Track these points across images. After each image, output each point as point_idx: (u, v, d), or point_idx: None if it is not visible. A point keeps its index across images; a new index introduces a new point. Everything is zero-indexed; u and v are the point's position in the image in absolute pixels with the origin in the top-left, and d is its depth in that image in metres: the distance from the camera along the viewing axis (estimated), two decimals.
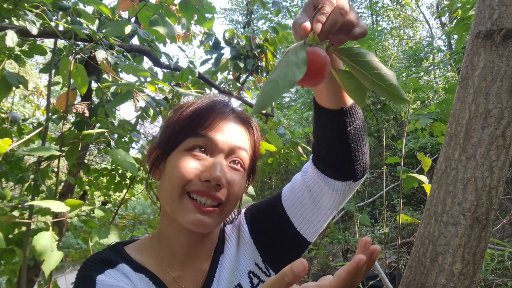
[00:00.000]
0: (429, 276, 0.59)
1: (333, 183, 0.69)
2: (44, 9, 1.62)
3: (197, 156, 0.65)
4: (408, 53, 8.80)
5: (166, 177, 0.67)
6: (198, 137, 0.66)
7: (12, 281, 1.85)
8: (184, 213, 0.63)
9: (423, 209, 0.73)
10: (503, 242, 1.62)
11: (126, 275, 0.66)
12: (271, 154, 2.84)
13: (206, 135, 0.66)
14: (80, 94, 2.06)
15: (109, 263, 0.66)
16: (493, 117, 0.58)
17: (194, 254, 0.71)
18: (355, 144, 0.67)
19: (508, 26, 0.59)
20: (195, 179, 0.63)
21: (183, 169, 0.63)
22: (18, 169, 1.96)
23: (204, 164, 0.64)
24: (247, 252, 0.75)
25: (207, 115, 0.67)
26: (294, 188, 0.75)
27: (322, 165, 0.70)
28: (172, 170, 0.65)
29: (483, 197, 0.57)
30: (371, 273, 2.87)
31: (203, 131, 0.66)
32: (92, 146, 2.59)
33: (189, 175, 0.63)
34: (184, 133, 0.67)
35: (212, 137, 0.66)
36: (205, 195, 0.63)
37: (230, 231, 0.79)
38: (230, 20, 17.47)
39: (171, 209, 0.66)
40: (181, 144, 0.67)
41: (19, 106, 7.20)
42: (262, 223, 0.76)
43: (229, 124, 0.69)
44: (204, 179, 0.63)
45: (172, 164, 0.66)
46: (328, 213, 0.72)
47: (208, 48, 3.20)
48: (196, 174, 0.63)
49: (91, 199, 3.67)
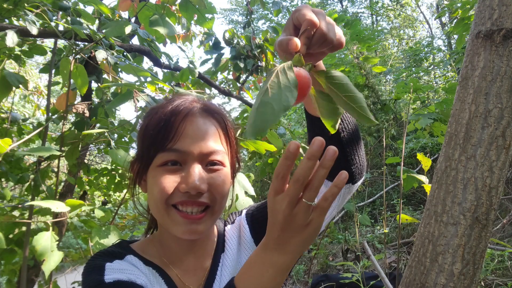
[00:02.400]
0: (429, 276, 0.59)
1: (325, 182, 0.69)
2: (44, 9, 1.62)
3: (171, 169, 0.64)
4: (408, 53, 8.80)
5: (149, 192, 0.67)
6: (167, 152, 0.64)
7: (12, 281, 1.85)
8: (175, 225, 0.64)
9: (423, 209, 0.73)
10: (503, 242, 1.62)
11: (135, 266, 0.67)
12: (271, 154, 2.84)
13: (175, 149, 0.64)
14: (80, 94, 2.06)
15: (117, 255, 0.68)
16: (493, 117, 0.58)
17: (194, 253, 0.72)
18: (350, 148, 0.68)
19: (508, 26, 0.59)
20: (176, 191, 0.63)
21: (161, 186, 0.63)
22: (18, 169, 1.96)
23: (180, 176, 0.64)
24: (248, 252, 0.75)
25: (172, 124, 0.65)
26: None
27: None
28: (152, 187, 0.65)
29: (483, 197, 0.57)
30: (371, 273, 2.87)
31: (171, 145, 0.64)
32: (92, 146, 2.59)
33: (168, 191, 0.63)
34: (154, 149, 0.65)
35: (181, 149, 0.64)
36: (189, 204, 0.63)
37: (231, 231, 0.79)
38: (230, 20, 17.48)
39: (162, 222, 0.67)
40: (154, 160, 0.65)
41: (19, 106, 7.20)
42: (262, 223, 0.76)
43: (197, 126, 0.66)
44: (183, 191, 0.62)
45: (150, 181, 0.66)
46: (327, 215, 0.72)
47: (208, 48, 3.20)
48: (174, 187, 0.63)
49: (91, 199, 3.67)
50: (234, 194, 1.28)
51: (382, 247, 3.96)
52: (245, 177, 1.34)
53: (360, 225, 4.54)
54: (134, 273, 0.64)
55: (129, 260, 0.68)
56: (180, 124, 0.65)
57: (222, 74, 3.44)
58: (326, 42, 0.52)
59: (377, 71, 6.22)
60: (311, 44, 0.52)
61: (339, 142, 0.66)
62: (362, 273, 2.34)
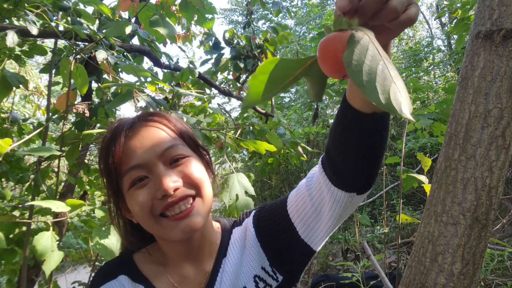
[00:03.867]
0: (429, 276, 0.59)
1: (335, 192, 0.65)
2: (44, 9, 1.62)
3: (141, 185, 0.64)
4: (408, 53, 8.80)
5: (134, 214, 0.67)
6: (128, 175, 0.64)
7: (13, 281, 1.85)
8: (170, 232, 0.64)
9: (423, 209, 0.73)
10: (503, 242, 1.62)
11: (124, 286, 0.70)
12: (271, 154, 2.84)
13: (132, 167, 0.64)
14: (81, 94, 2.06)
15: (111, 275, 0.71)
16: (493, 117, 0.58)
17: (193, 257, 0.72)
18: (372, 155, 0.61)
19: (508, 26, 0.59)
20: (154, 201, 0.63)
21: (139, 204, 0.63)
22: (19, 169, 1.96)
23: (151, 185, 0.63)
24: (253, 256, 0.73)
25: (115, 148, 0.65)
26: (298, 195, 0.72)
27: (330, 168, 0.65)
28: (133, 209, 0.65)
29: (483, 197, 0.58)
30: (371, 273, 2.87)
31: (127, 168, 0.64)
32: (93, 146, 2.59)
33: (147, 203, 0.63)
34: (116, 179, 0.66)
35: (137, 163, 0.64)
36: (175, 205, 0.63)
37: (237, 234, 0.77)
38: (230, 20, 17.47)
39: (157, 233, 0.68)
40: (123, 188, 0.66)
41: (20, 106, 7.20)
42: (268, 227, 0.75)
43: (141, 135, 0.66)
44: (160, 197, 0.62)
45: (129, 204, 0.66)
46: (328, 224, 0.68)
47: (208, 48, 3.20)
48: (151, 197, 0.63)
49: (91, 199, 3.67)
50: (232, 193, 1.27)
51: (382, 247, 3.96)
52: (245, 177, 1.34)
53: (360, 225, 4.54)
54: None
55: (120, 281, 0.70)
56: (124, 143, 0.65)
57: (222, 74, 3.44)
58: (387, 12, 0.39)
59: None
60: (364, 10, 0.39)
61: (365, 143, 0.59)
62: (362, 273, 2.34)
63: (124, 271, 0.71)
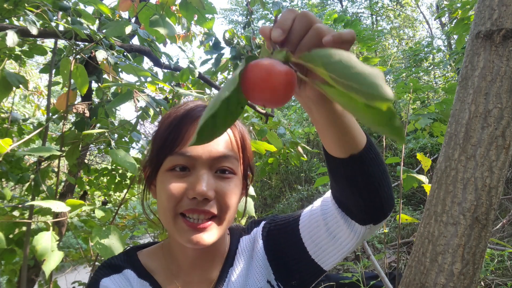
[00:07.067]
0: (429, 276, 0.59)
1: (352, 224, 0.63)
2: (45, 9, 1.62)
3: (180, 174, 0.63)
4: (408, 53, 8.80)
5: (158, 199, 0.66)
6: (176, 156, 0.63)
7: (13, 281, 1.85)
8: (181, 234, 0.63)
9: (423, 209, 0.73)
10: (503, 242, 1.62)
11: (129, 281, 0.68)
12: (271, 154, 2.84)
13: (183, 153, 0.62)
14: (81, 94, 2.06)
15: (116, 269, 0.70)
16: (493, 117, 0.58)
17: (200, 265, 0.71)
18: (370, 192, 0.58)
19: (508, 26, 0.59)
20: (184, 198, 0.62)
21: (169, 192, 0.62)
22: (19, 169, 1.96)
23: (188, 181, 0.62)
24: (259, 269, 0.72)
25: (181, 128, 0.63)
26: (312, 217, 0.70)
27: (339, 205, 0.64)
28: (160, 193, 0.64)
29: (483, 197, 0.57)
30: (371, 273, 2.87)
31: (178, 149, 0.63)
32: (93, 146, 2.59)
33: (176, 197, 0.62)
34: (163, 153, 0.64)
35: (189, 153, 0.62)
36: (196, 212, 0.62)
37: (245, 243, 0.76)
38: (230, 20, 17.48)
39: (169, 229, 0.66)
40: (163, 164, 0.64)
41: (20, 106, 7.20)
42: (277, 242, 0.73)
43: None
44: (191, 197, 0.61)
45: (159, 187, 0.65)
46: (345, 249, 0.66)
47: (208, 48, 3.19)
48: (182, 193, 0.62)
49: (91, 199, 3.67)
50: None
51: (382, 247, 3.96)
52: None
53: None
54: None
55: (125, 275, 0.69)
56: (189, 128, 0.63)
57: (222, 74, 3.44)
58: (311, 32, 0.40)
59: None
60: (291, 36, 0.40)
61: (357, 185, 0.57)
62: (362, 273, 2.34)
63: (130, 266, 0.70)
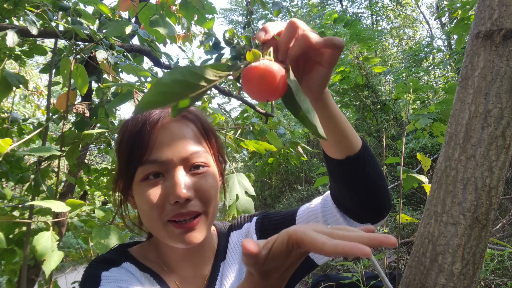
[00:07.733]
0: (429, 276, 0.59)
1: (351, 223, 0.65)
2: (45, 9, 1.62)
3: (155, 182, 0.61)
4: (408, 53, 8.80)
5: (140, 209, 0.64)
6: (147, 165, 0.61)
7: (13, 281, 1.85)
8: (172, 238, 0.62)
9: (423, 209, 0.73)
10: (503, 242, 1.62)
11: (131, 273, 0.66)
12: (271, 154, 2.84)
13: (153, 160, 0.61)
14: (81, 94, 2.06)
15: (114, 262, 0.67)
16: (493, 117, 0.58)
17: (191, 261, 0.71)
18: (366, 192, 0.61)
19: (508, 26, 0.59)
20: (166, 204, 0.61)
21: (150, 203, 0.61)
22: (19, 169, 1.96)
23: (165, 187, 0.61)
24: None
25: (144, 135, 0.62)
26: (310, 213, 0.71)
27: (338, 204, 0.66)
28: (141, 204, 0.63)
29: (483, 197, 0.57)
30: (371, 273, 2.87)
31: (147, 157, 0.61)
32: (93, 146, 2.59)
33: (158, 205, 0.61)
34: (133, 164, 0.62)
35: (159, 159, 0.61)
36: (182, 216, 0.61)
37: (236, 238, 0.76)
38: (230, 20, 17.47)
39: (158, 236, 0.65)
40: (135, 175, 0.63)
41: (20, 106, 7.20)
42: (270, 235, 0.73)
43: (171, 132, 0.63)
44: (172, 202, 0.60)
45: (138, 199, 0.64)
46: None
47: (208, 48, 3.19)
48: (163, 200, 0.61)
49: (91, 199, 3.67)
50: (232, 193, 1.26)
51: (382, 247, 3.96)
52: (245, 177, 1.34)
53: None
54: (130, 281, 0.63)
55: (125, 267, 0.67)
56: (153, 133, 0.62)
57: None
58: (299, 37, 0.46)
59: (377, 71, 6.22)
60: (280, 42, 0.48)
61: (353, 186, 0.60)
62: (362, 273, 2.34)
63: (127, 260, 0.69)
